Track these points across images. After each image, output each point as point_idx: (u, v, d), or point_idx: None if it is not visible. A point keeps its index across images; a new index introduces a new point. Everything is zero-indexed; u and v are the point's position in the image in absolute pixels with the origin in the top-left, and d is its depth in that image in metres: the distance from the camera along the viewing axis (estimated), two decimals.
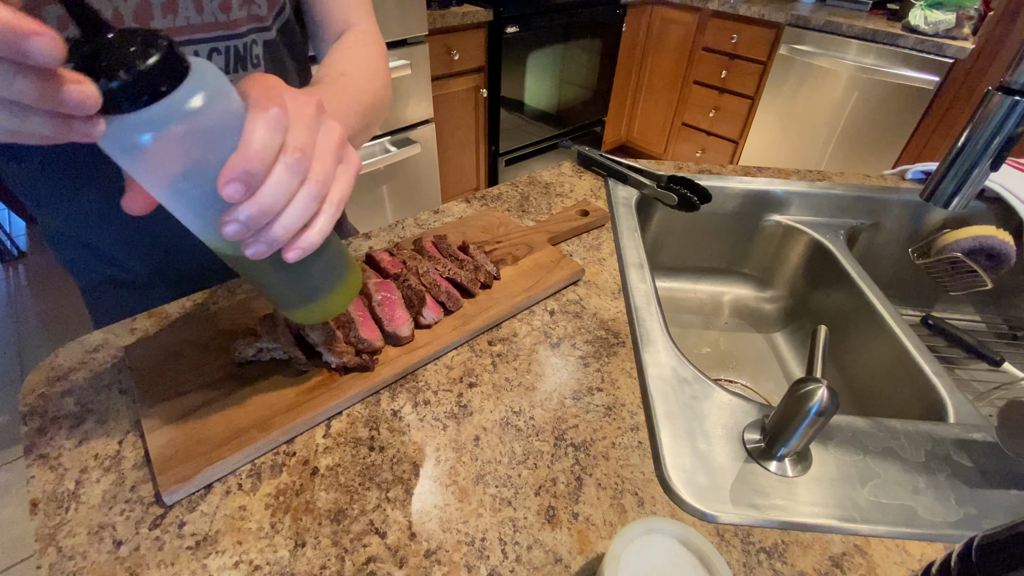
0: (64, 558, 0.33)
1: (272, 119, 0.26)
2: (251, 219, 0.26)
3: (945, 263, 0.75)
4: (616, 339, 0.52)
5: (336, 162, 0.30)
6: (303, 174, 0.28)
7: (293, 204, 0.27)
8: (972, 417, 0.48)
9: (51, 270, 2.07)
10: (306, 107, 0.29)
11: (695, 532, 0.30)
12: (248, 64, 0.49)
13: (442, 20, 1.71)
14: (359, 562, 0.34)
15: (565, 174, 0.82)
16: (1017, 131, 0.46)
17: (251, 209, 0.26)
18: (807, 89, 2.20)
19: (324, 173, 0.29)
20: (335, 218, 0.30)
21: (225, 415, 0.41)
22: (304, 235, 0.29)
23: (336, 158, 0.30)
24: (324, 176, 0.29)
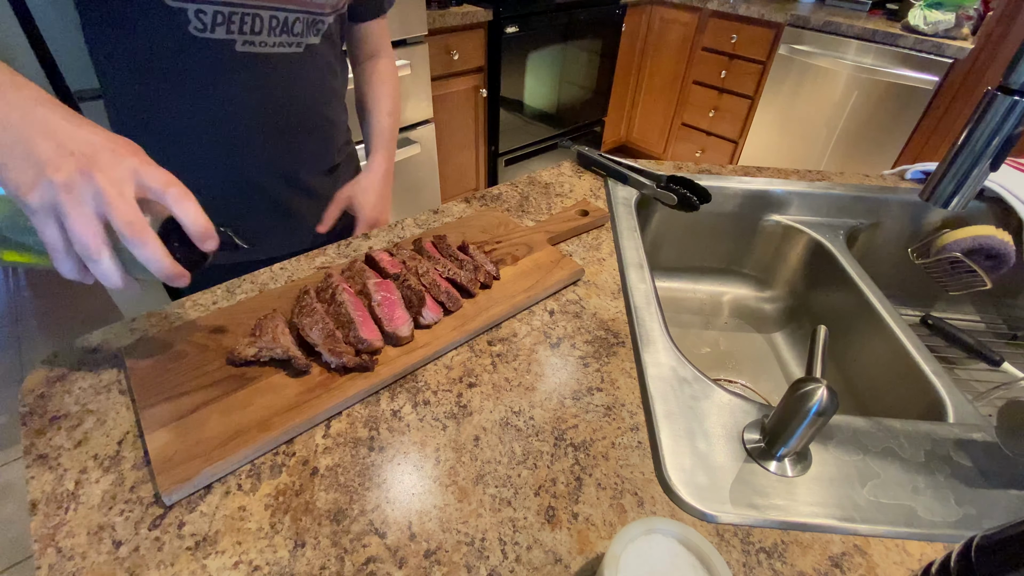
0: (63, 558, 0.33)
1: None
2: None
3: (945, 263, 0.75)
4: (616, 339, 0.52)
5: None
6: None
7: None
8: (972, 417, 0.48)
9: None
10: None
11: (695, 532, 0.30)
12: (321, 29, 0.64)
13: (442, 20, 1.71)
14: (359, 562, 0.34)
15: (565, 174, 0.82)
16: (1016, 131, 0.46)
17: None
18: (807, 89, 2.20)
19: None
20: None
21: (225, 415, 0.41)
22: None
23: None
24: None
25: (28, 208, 0.33)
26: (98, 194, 0.33)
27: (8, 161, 0.33)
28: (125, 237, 0.34)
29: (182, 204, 0.36)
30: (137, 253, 0.34)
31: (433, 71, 1.75)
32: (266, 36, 0.57)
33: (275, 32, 0.58)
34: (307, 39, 0.62)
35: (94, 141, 0.35)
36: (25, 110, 0.34)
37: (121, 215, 0.33)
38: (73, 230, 0.33)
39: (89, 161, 0.34)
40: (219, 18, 0.53)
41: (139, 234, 0.34)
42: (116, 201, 0.33)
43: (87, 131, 0.35)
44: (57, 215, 0.33)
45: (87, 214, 0.33)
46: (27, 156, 0.32)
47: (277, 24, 0.57)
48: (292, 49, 0.60)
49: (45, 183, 0.32)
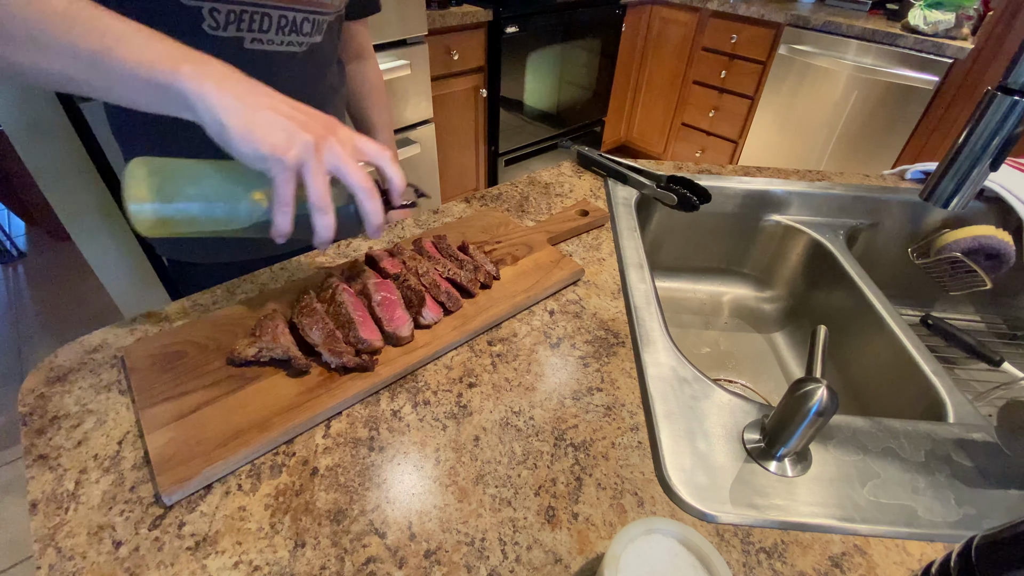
0: (63, 558, 0.33)
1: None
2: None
3: (944, 263, 0.75)
4: (616, 339, 0.52)
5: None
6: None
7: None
8: (972, 417, 0.48)
9: (51, 270, 2.06)
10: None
11: (695, 532, 0.30)
12: (324, 28, 0.65)
13: (442, 20, 1.71)
14: (359, 562, 0.34)
15: (565, 174, 0.82)
16: (1016, 131, 0.46)
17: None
18: (807, 89, 2.20)
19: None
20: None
21: (225, 415, 0.41)
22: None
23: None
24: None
25: (280, 164, 0.36)
26: (337, 155, 0.39)
27: (260, 127, 0.36)
28: (364, 191, 0.40)
29: (394, 166, 0.43)
30: (367, 204, 0.41)
31: (433, 71, 1.75)
32: (273, 35, 0.58)
33: (283, 31, 0.59)
34: (312, 38, 0.63)
35: (313, 111, 0.41)
36: (253, 83, 0.39)
37: (357, 173, 0.40)
38: (316, 185, 0.38)
39: (325, 126, 0.40)
40: (231, 16, 0.54)
41: (372, 189, 0.41)
42: (351, 162, 0.40)
43: (304, 104, 0.41)
44: (300, 171, 0.38)
45: (325, 172, 0.39)
46: (274, 122, 0.37)
47: (286, 23, 0.58)
48: (296, 48, 0.61)
49: (302, 143, 0.37)
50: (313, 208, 0.39)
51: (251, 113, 0.37)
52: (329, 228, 0.40)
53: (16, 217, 2.30)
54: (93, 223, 1.25)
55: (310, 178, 0.38)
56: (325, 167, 0.39)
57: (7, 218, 2.33)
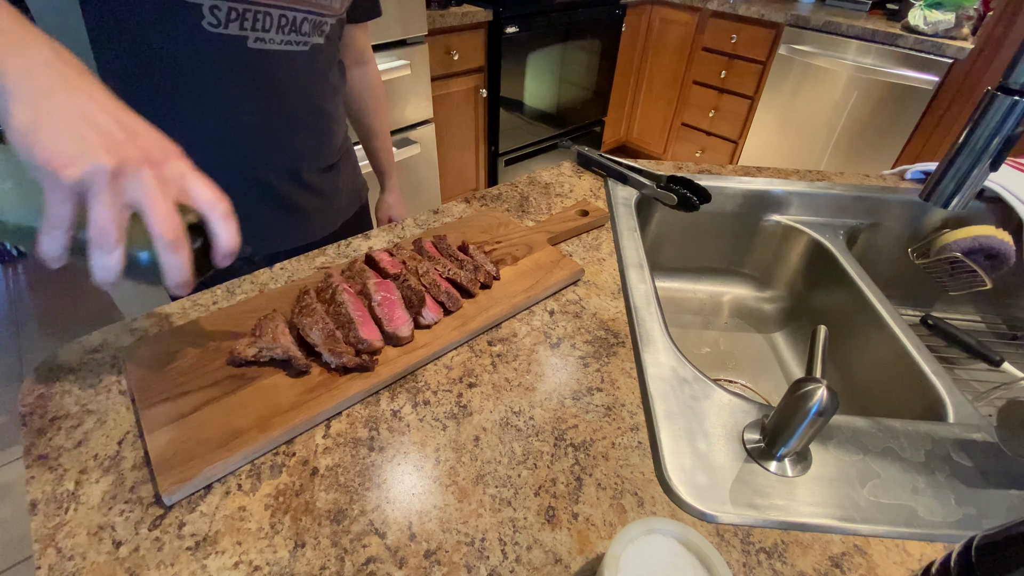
0: (63, 559, 0.33)
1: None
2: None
3: (944, 263, 0.75)
4: (616, 339, 0.52)
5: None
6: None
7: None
8: (972, 417, 0.48)
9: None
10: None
11: (695, 532, 0.30)
12: (324, 30, 0.65)
13: (442, 20, 1.71)
14: (359, 562, 0.34)
15: (565, 174, 0.82)
16: (1016, 131, 0.46)
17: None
18: (807, 89, 2.20)
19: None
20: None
21: (225, 415, 0.41)
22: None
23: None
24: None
25: (52, 180, 0.30)
26: (143, 190, 0.32)
27: (48, 128, 0.30)
28: (162, 239, 0.33)
29: (225, 222, 0.36)
30: (166, 257, 0.34)
31: (433, 71, 1.75)
32: (275, 34, 0.58)
33: (284, 31, 0.59)
34: (312, 39, 0.63)
35: (149, 134, 0.34)
36: (80, 82, 0.33)
37: (164, 219, 0.33)
38: (100, 216, 0.32)
39: (142, 153, 0.33)
40: (233, 14, 0.54)
41: (179, 243, 0.33)
42: (161, 203, 0.33)
43: (135, 120, 0.34)
44: (82, 195, 0.31)
45: (120, 204, 0.32)
46: (72, 128, 0.31)
47: (287, 23, 0.58)
48: (298, 48, 0.61)
49: (91, 163, 0.31)
50: (91, 242, 0.32)
51: (47, 110, 0.31)
52: (107, 269, 0.33)
53: None
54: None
55: (92, 206, 0.31)
56: (122, 199, 0.32)
57: None
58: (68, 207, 0.31)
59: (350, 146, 0.84)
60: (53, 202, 0.31)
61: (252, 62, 0.58)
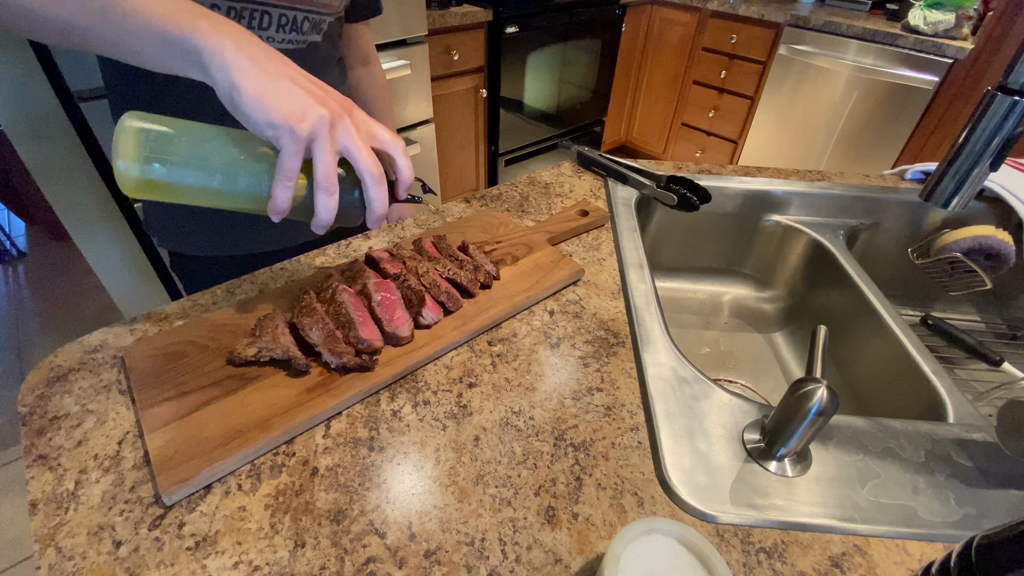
0: (63, 558, 0.33)
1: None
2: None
3: (944, 263, 0.75)
4: (616, 339, 0.52)
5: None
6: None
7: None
8: (972, 417, 0.48)
9: (51, 270, 2.06)
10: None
11: (695, 532, 0.30)
12: (323, 29, 0.65)
13: (442, 20, 1.71)
14: (359, 562, 0.34)
15: (565, 174, 0.82)
16: (1016, 131, 0.46)
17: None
18: (807, 89, 2.20)
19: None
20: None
21: (225, 415, 0.41)
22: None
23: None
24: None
25: (290, 135, 0.35)
26: (351, 135, 0.38)
27: (274, 94, 0.35)
28: (372, 176, 0.39)
29: (405, 158, 0.43)
30: (373, 191, 0.39)
31: (433, 71, 1.75)
32: (274, 32, 0.59)
33: (284, 29, 0.59)
34: (311, 37, 0.63)
35: (336, 91, 0.40)
36: (273, 51, 0.38)
37: (368, 157, 0.39)
38: (324, 162, 0.37)
39: (344, 106, 0.39)
40: (232, 13, 0.54)
41: (381, 175, 0.39)
42: (364, 145, 0.39)
43: (322, 82, 0.40)
44: (310, 146, 0.36)
45: (335, 151, 0.38)
46: (290, 91, 0.36)
47: (286, 21, 0.59)
48: (296, 46, 0.62)
49: (317, 117, 0.36)
50: (318, 187, 0.38)
51: (267, 79, 0.35)
52: (331, 210, 0.39)
53: (16, 217, 2.30)
54: (93, 223, 1.25)
55: (319, 154, 0.37)
56: (337, 145, 0.38)
57: (7, 218, 2.33)
58: (299, 158, 0.37)
59: None
60: (288, 155, 0.36)
61: None
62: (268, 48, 0.38)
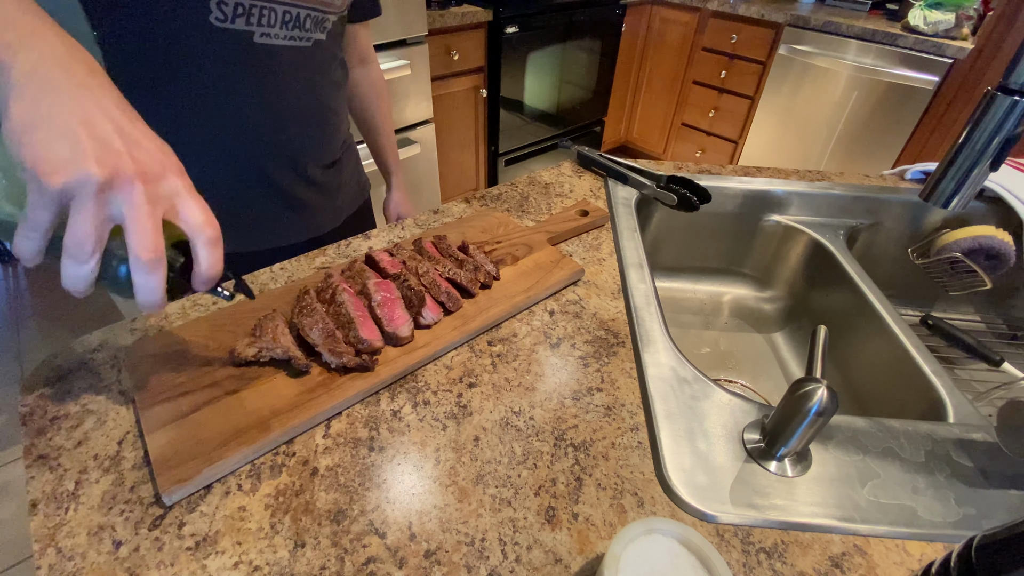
0: (63, 558, 0.33)
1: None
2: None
3: (944, 263, 0.75)
4: (616, 339, 0.52)
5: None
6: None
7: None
8: (972, 417, 0.48)
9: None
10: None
11: (695, 532, 0.30)
12: (326, 27, 0.65)
13: (441, 20, 1.71)
14: (359, 562, 0.34)
15: (565, 174, 0.82)
16: (1016, 131, 0.46)
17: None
18: (807, 89, 2.20)
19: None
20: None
21: (225, 415, 0.41)
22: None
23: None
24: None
25: (36, 184, 0.29)
26: (132, 205, 0.31)
27: (43, 130, 0.29)
28: (140, 261, 0.32)
29: (209, 250, 0.35)
30: (141, 279, 0.32)
31: (433, 71, 1.75)
32: (279, 29, 0.59)
33: (288, 26, 0.60)
34: (314, 34, 0.64)
35: (147, 145, 0.33)
36: (89, 82, 0.32)
37: (145, 239, 0.31)
38: (80, 228, 0.30)
39: (136, 167, 0.31)
40: (239, 10, 0.54)
41: (156, 264, 0.32)
42: (145, 222, 0.31)
43: (141, 130, 0.33)
44: (66, 204, 0.30)
45: (103, 218, 0.31)
46: (68, 133, 0.30)
47: (290, 19, 0.59)
48: (301, 43, 0.62)
49: (79, 172, 0.29)
50: (65, 250, 0.31)
51: (47, 111, 0.30)
52: (77, 279, 0.32)
53: None
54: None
55: (72, 216, 0.30)
56: (105, 211, 0.31)
57: None
58: (49, 213, 0.30)
59: (353, 143, 0.84)
60: (34, 206, 0.30)
61: (257, 57, 0.59)
62: (92, 81, 0.32)
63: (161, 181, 0.33)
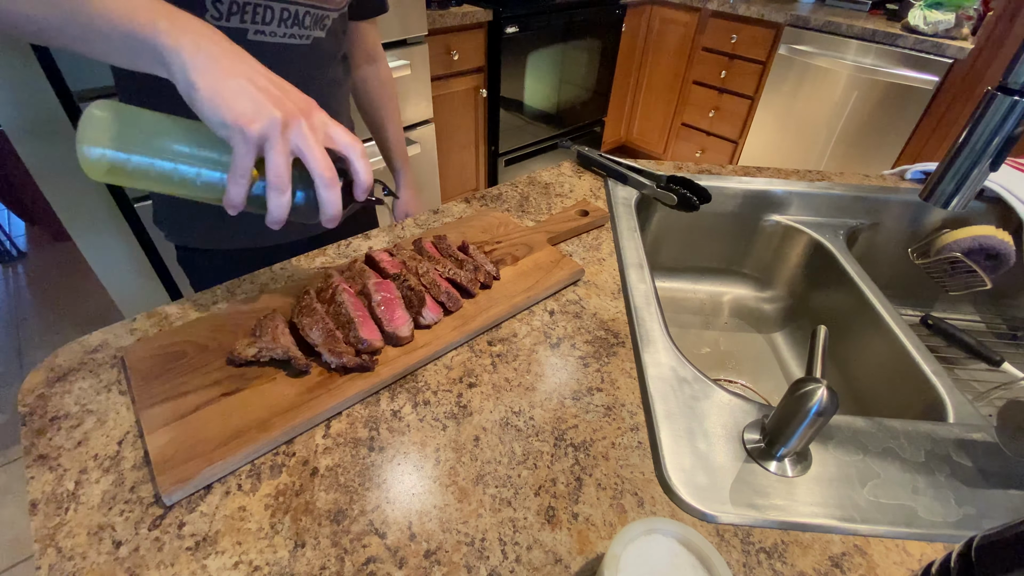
0: (63, 559, 0.33)
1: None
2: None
3: (944, 263, 0.75)
4: (616, 339, 0.52)
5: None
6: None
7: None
8: (972, 417, 0.48)
9: (51, 270, 2.06)
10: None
11: (695, 532, 0.30)
12: (326, 25, 0.65)
13: (442, 20, 1.71)
14: (359, 562, 0.34)
15: (565, 174, 0.82)
16: (1016, 131, 0.46)
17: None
18: (807, 89, 2.20)
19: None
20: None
21: (225, 415, 0.41)
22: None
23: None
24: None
25: (241, 135, 0.36)
26: (304, 137, 0.38)
27: (227, 93, 0.36)
28: (324, 179, 0.39)
29: (363, 161, 0.42)
30: (325, 193, 0.40)
31: (433, 71, 1.75)
32: (276, 27, 0.59)
33: (285, 24, 0.60)
34: (314, 32, 0.63)
35: (292, 90, 0.40)
36: (234, 49, 0.38)
37: (321, 159, 0.39)
38: (275, 162, 0.37)
39: (300, 107, 0.39)
40: (234, 7, 0.54)
41: (335, 180, 0.40)
42: (317, 147, 0.39)
43: (280, 79, 0.40)
44: (262, 145, 0.37)
45: (288, 151, 0.38)
46: (245, 91, 0.36)
47: (288, 16, 0.59)
48: (300, 41, 0.62)
49: (268, 118, 0.36)
50: (269, 185, 0.38)
51: (223, 78, 0.36)
52: (282, 208, 0.39)
53: (16, 217, 2.30)
54: (93, 223, 1.25)
55: (270, 155, 0.37)
56: (289, 146, 0.38)
57: (7, 218, 2.33)
58: (252, 157, 0.37)
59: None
60: (240, 155, 0.37)
61: (253, 54, 0.59)
62: (230, 46, 0.38)
63: (312, 115, 0.40)
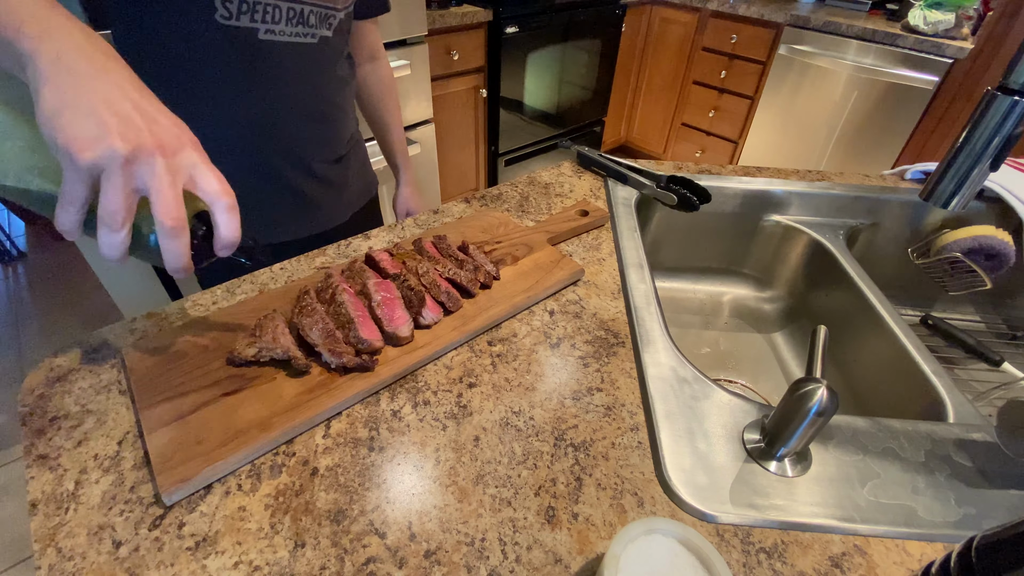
0: (63, 559, 0.33)
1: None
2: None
3: (944, 263, 0.75)
4: (616, 339, 0.52)
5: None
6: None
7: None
8: (972, 417, 0.48)
9: (51, 270, 2.06)
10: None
11: (695, 532, 0.30)
12: (330, 23, 0.65)
13: (441, 20, 1.71)
14: (359, 562, 0.34)
15: (565, 174, 0.82)
16: (1016, 131, 0.46)
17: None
18: (806, 89, 2.20)
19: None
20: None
21: (225, 415, 0.41)
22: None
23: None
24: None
25: (69, 161, 0.32)
26: (155, 176, 0.34)
27: (71, 112, 0.32)
28: (164, 227, 0.35)
29: (228, 216, 0.38)
30: (166, 243, 0.35)
31: (433, 71, 1.75)
32: (284, 26, 0.59)
33: (292, 23, 0.60)
34: (320, 31, 0.64)
35: (164, 122, 0.36)
36: (108, 67, 0.35)
37: (167, 207, 0.34)
38: (111, 198, 0.33)
39: (156, 141, 0.34)
40: (244, 7, 0.55)
41: (178, 230, 0.35)
42: (167, 191, 0.34)
43: (157, 108, 0.36)
44: (96, 177, 0.33)
45: (131, 189, 0.34)
46: (94, 113, 0.33)
47: (294, 15, 0.60)
48: (307, 40, 0.63)
49: (106, 148, 0.32)
50: (99, 220, 0.34)
51: (74, 95, 0.32)
52: (112, 247, 0.35)
53: (16, 217, 2.30)
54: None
55: (104, 187, 0.33)
56: (133, 182, 0.34)
57: (7, 218, 2.33)
58: (83, 187, 0.33)
59: (360, 139, 0.85)
60: (69, 181, 0.33)
61: (262, 53, 0.59)
62: (106, 63, 0.35)
63: (179, 154, 0.36)
